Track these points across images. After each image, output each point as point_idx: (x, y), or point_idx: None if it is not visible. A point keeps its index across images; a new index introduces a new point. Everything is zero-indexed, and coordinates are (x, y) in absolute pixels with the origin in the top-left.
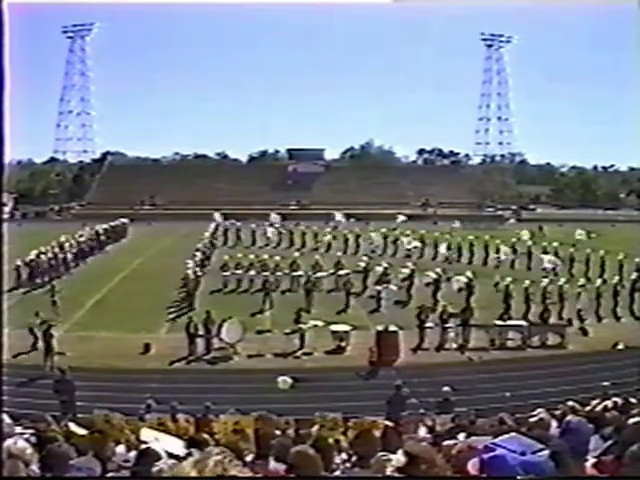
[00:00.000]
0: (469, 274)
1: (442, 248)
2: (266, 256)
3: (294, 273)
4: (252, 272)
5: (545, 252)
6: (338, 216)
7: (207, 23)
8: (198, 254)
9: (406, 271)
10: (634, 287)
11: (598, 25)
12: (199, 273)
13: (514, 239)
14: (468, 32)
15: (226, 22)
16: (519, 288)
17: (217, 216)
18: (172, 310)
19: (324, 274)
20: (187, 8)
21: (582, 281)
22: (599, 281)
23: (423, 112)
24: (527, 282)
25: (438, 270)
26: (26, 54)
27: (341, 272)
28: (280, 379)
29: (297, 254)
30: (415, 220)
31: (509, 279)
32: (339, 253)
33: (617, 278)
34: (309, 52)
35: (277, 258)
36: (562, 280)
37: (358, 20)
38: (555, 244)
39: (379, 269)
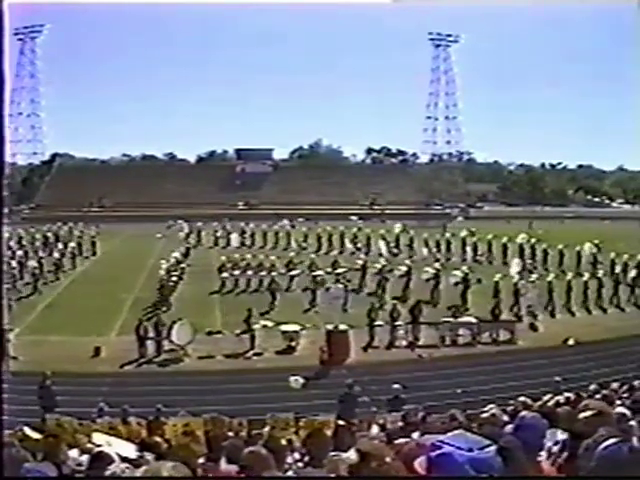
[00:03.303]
0: (465, 269)
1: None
2: (262, 256)
3: (291, 273)
4: (250, 272)
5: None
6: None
7: (159, 22)
8: (174, 256)
9: (404, 268)
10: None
11: (548, 26)
12: (175, 275)
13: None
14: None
15: (184, 20)
16: (508, 283)
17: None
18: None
19: (322, 273)
20: (136, 8)
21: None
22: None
23: (371, 111)
24: (516, 277)
25: (437, 265)
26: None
27: (338, 270)
28: (292, 379)
29: (292, 254)
30: (363, 219)
31: (499, 275)
32: (335, 252)
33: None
34: (264, 52)
35: (273, 258)
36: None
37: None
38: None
39: (377, 266)
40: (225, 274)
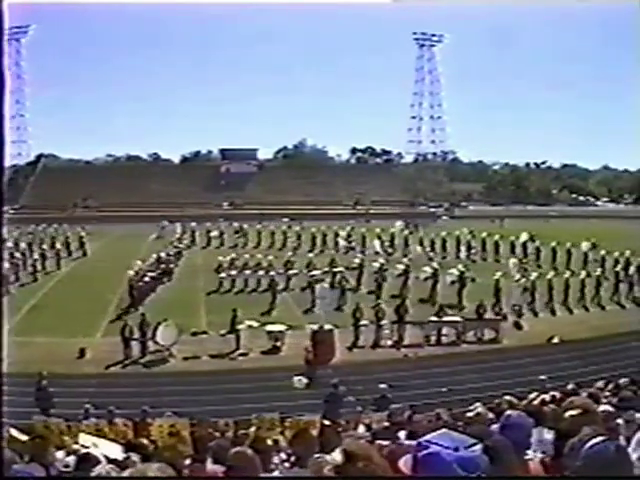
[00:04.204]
0: (461, 267)
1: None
2: (260, 256)
3: (289, 272)
4: (247, 272)
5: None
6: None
7: (149, 22)
8: (154, 257)
9: (401, 267)
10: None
11: (535, 25)
12: (150, 276)
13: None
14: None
15: (172, 21)
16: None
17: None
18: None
19: (318, 272)
20: (122, 7)
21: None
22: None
23: (356, 111)
24: (517, 276)
25: (434, 264)
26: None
27: (336, 269)
28: (296, 379)
29: (290, 254)
30: (347, 219)
31: (499, 273)
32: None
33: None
34: (250, 52)
35: (270, 257)
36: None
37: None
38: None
39: (375, 265)
40: (222, 274)
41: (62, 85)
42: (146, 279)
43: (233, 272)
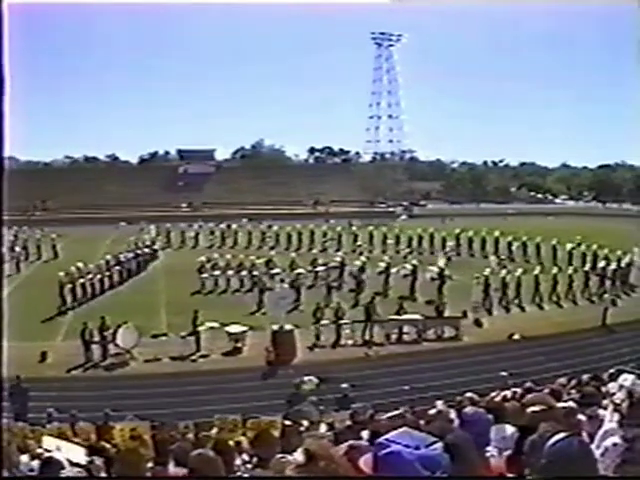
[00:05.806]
0: (441, 264)
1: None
2: (242, 256)
3: (272, 271)
4: (230, 272)
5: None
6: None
7: (94, 22)
8: (107, 259)
9: (382, 264)
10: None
11: (494, 24)
12: (96, 279)
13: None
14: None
15: (123, 19)
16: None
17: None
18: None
19: (302, 271)
20: (82, 8)
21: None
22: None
23: (314, 110)
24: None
25: (414, 262)
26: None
27: (318, 268)
28: (306, 379)
29: (273, 252)
30: (307, 218)
31: (488, 270)
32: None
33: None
34: (209, 52)
35: (252, 257)
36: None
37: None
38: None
39: (357, 263)
40: (205, 274)
41: (19, 86)
42: (82, 281)
43: (216, 273)
